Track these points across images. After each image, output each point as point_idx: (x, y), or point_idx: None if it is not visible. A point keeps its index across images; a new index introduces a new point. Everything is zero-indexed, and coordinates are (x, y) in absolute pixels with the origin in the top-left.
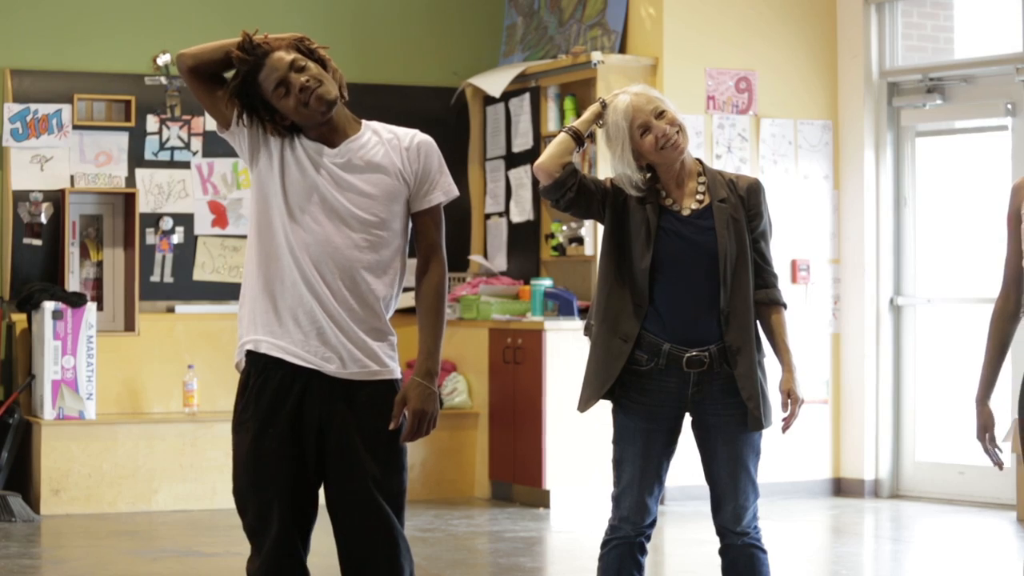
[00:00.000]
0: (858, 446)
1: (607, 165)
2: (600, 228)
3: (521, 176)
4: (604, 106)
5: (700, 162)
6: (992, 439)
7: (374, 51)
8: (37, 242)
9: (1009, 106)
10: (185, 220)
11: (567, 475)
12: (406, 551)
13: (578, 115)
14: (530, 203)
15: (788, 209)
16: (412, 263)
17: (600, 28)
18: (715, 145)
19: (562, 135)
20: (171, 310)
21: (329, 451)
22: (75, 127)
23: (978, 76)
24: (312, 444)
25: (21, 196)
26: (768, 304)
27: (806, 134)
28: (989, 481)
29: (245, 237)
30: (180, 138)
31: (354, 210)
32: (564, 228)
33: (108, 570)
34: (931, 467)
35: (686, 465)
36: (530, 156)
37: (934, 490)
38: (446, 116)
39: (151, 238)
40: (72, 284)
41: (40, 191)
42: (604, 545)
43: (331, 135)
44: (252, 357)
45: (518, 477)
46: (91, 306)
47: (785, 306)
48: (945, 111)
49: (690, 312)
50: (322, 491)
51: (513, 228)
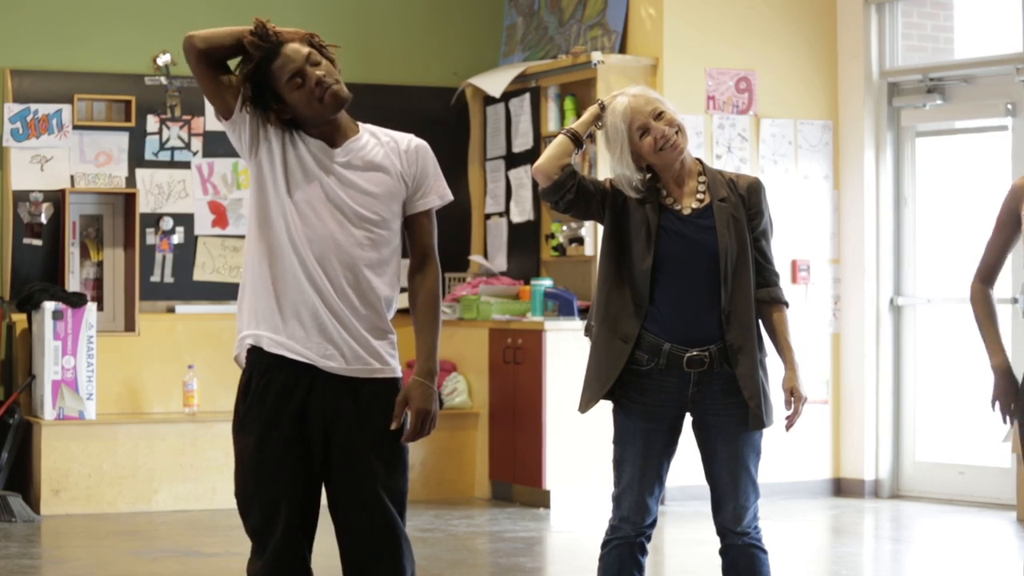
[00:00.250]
0: (858, 446)
1: (607, 166)
2: (600, 228)
3: (521, 176)
4: (603, 108)
5: (700, 161)
6: (1006, 406)
7: (374, 51)
8: (37, 242)
9: (1009, 106)
10: (185, 220)
11: (567, 475)
12: (408, 551)
13: (578, 115)
14: (530, 203)
15: (788, 209)
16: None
17: (600, 28)
18: (715, 145)
19: (560, 137)
20: (171, 310)
21: (335, 450)
22: (75, 127)
23: (978, 76)
24: (319, 444)
25: (21, 196)
26: (770, 303)
27: (806, 134)
28: (989, 481)
29: (245, 237)
30: (180, 138)
31: (357, 208)
32: (564, 228)
33: (108, 570)
34: (931, 467)
35: (686, 465)
36: (530, 156)
37: (934, 490)
38: (446, 116)
39: (151, 238)
40: (72, 284)
41: (40, 191)
42: (604, 545)
43: (333, 134)
44: (254, 355)
45: (518, 477)
46: (91, 306)
47: (787, 304)
48: (945, 111)
49: (691, 311)
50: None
51: (513, 228)
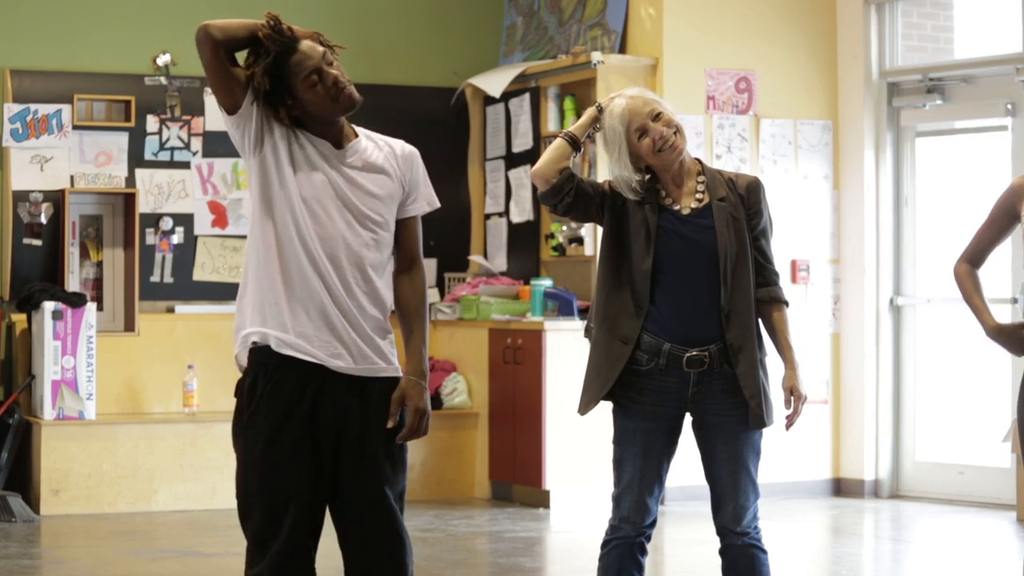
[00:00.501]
0: (858, 446)
1: (607, 167)
2: (599, 228)
3: (521, 176)
4: (600, 110)
5: (699, 161)
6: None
7: (374, 51)
8: (37, 242)
9: (1009, 106)
10: (185, 220)
11: (567, 475)
12: (410, 551)
13: (578, 116)
14: (530, 203)
15: (788, 209)
16: None
17: (600, 28)
18: (715, 145)
19: (558, 140)
20: (171, 310)
21: (345, 450)
22: (75, 127)
23: (978, 76)
24: (329, 444)
25: (21, 196)
26: (770, 302)
27: (806, 134)
28: (989, 481)
29: (245, 237)
30: (180, 138)
31: (363, 208)
32: (564, 228)
33: (108, 570)
34: (931, 467)
35: (686, 465)
36: (530, 156)
37: (934, 490)
38: (446, 116)
39: (151, 238)
40: (72, 284)
41: (40, 191)
42: (604, 545)
43: (336, 136)
44: (260, 355)
45: (518, 477)
46: (91, 306)
47: (787, 304)
48: (945, 111)
49: (690, 311)
50: None
51: (513, 228)
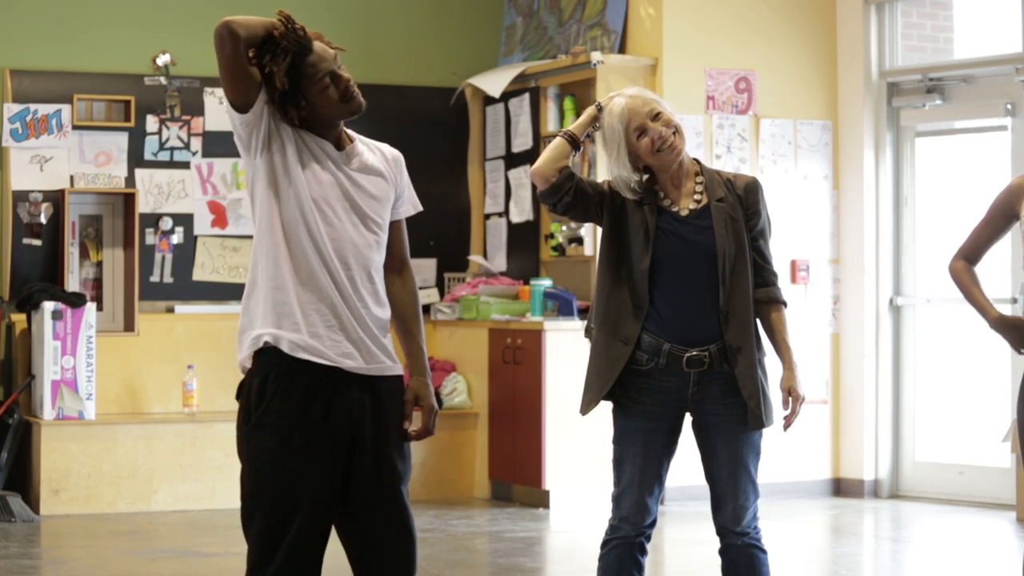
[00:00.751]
0: (858, 446)
1: (607, 167)
2: (599, 228)
3: (521, 176)
4: (600, 109)
5: (697, 162)
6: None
7: (374, 51)
8: (37, 242)
9: (1009, 106)
10: (185, 220)
11: (567, 475)
12: (417, 549)
13: (578, 116)
14: (530, 203)
15: (788, 209)
16: None
17: (600, 28)
18: (715, 145)
19: (558, 139)
20: (171, 310)
21: (360, 449)
22: (75, 127)
23: (978, 76)
24: (343, 446)
25: (21, 196)
26: (768, 302)
27: (806, 134)
28: (989, 481)
29: (245, 237)
30: (180, 138)
31: (367, 211)
32: (564, 228)
33: (108, 570)
34: (931, 467)
35: (686, 465)
36: (530, 156)
37: (934, 490)
38: (446, 116)
39: (151, 238)
40: (72, 284)
41: (40, 191)
42: (604, 545)
43: (338, 138)
44: (269, 356)
45: (518, 477)
46: (91, 306)
47: (785, 304)
48: (945, 111)
49: (690, 312)
50: None
51: (513, 228)
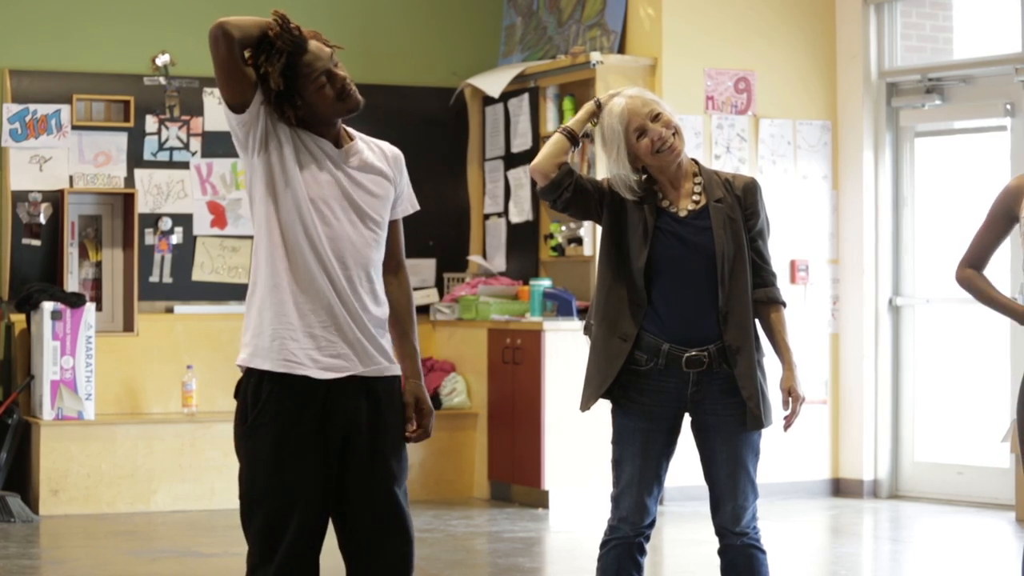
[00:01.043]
0: (857, 446)
1: (606, 166)
2: (599, 228)
3: (520, 176)
4: (599, 105)
5: (696, 162)
6: None
7: (373, 51)
8: (36, 242)
9: (1008, 106)
10: (184, 220)
11: (566, 475)
12: (414, 550)
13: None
14: (529, 203)
15: (787, 209)
16: None
17: (599, 28)
18: (714, 145)
19: (556, 135)
20: (170, 310)
21: (354, 451)
22: (74, 127)
23: (977, 76)
24: (337, 447)
25: (20, 196)
26: (767, 303)
27: (805, 134)
28: (988, 481)
29: (244, 237)
30: (179, 138)
31: (366, 209)
32: (563, 228)
33: (107, 570)
34: (930, 467)
35: (685, 465)
36: (529, 156)
37: (933, 490)
38: (445, 116)
39: (150, 238)
40: (71, 284)
41: (39, 191)
42: (603, 545)
43: (337, 136)
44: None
45: (517, 477)
46: (90, 306)
47: (784, 304)
48: (944, 111)
49: (689, 312)
50: None
51: (512, 228)
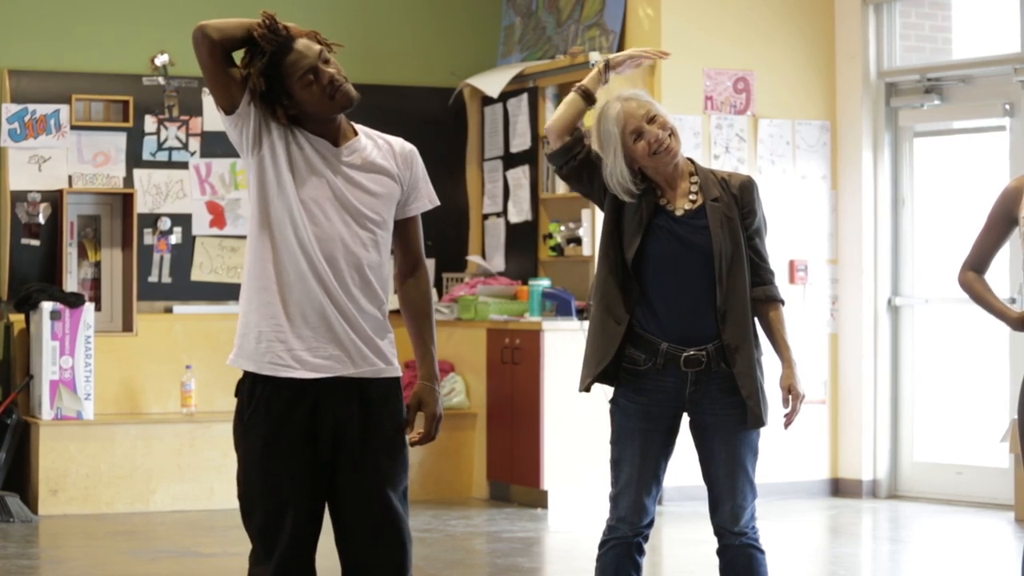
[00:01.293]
0: (856, 446)
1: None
2: (598, 227)
3: (519, 176)
4: (607, 66)
5: (692, 162)
6: None
7: (372, 51)
8: (35, 242)
9: (1007, 106)
10: (183, 220)
11: (565, 475)
12: (410, 552)
13: None
14: (528, 203)
15: (786, 209)
16: None
17: (598, 28)
18: (713, 145)
19: (572, 95)
20: (169, 310)
21: (344, 452)
22: (73, 127)
23: (976, 76)
24: (327, 446)
25: (19, 196)
26: (766, 301)
27: (804, 134)
28: (987, 481)
29: (243, 237)
30: (178, 138)
31: (362, 208)
32: (562, 228)
33: (106, 570)
34: (929, 467)
35: (684, 465)
36: (528, 157)
37: (932, 490)
38: (444, 116)
39: (149, 238)
40: (70, 284)
41: (38, 191)
42: (602, 545)
43: (335, 134)
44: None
45: (516, 477)
46: (89, 306)
47: (783, 302)
48: (943, 111)
49: (687, 311)
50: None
51: (511, 228)
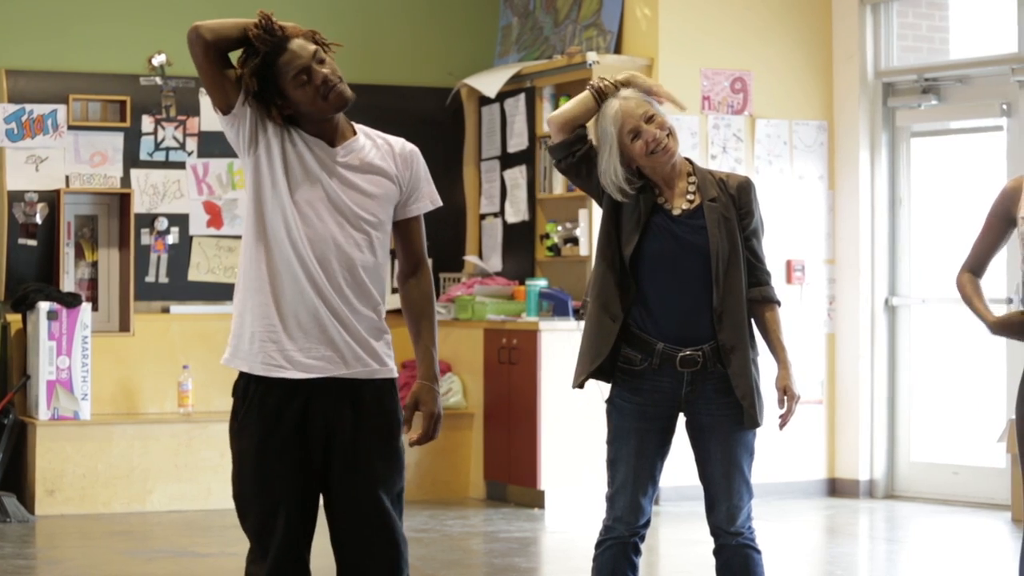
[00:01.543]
0: (853, 446)
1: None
2: (595, 229)
3: (516, 176)
4: (628, 83)
5: (690, 161)
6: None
7: (370, 51)
8: (32, 242)
9: (1004, 106)
10: (180, 220)
11: (562, 475)
12: (406, 553)
13: None
14: (525, 204)
15: (783, 209)
16: None
17: (595, 28)
18: (710, 145)
19: (586, 93)
20: (166, 310)
21: (335, 452)
22: (70, 127)
23: (973, 76)
24: (319, 448)
25: (16, 196)
26: (762, 302)
27: (801, 134)
28: (984, 481)
29: (240, 238)
30: (175, 138)
31: (356, 209)
32: (559, 229)
33: (103, 570)
34: (926, 467)
35: (680, 465)
36: (525, 157)
37: (929, 490)
38: (441, 116)
39: (146, 238)
40: (67, 284)
41: (35, 191)
42: (598, 545)
43: (331, 134)
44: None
45: (513, 477)
46: (86, 306)
47: (779, 303)
48: (940, 111)
49: (683, 311)
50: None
51: (508, 228)
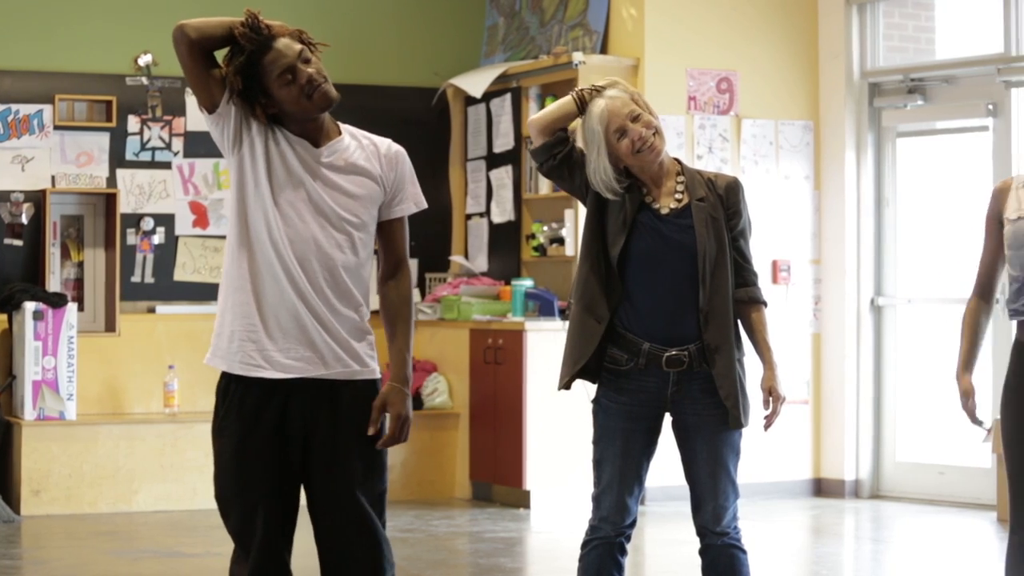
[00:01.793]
0: (838, 446)
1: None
2: (581, 229)
3: (502, 176)
4: (594, 92)
5: (678, 161)
6: (974, 406)
7: (355, 51)
8: (18, 242)
9: (990, 107)
10: (166, 220)
11: (547, 475)
12: (388, 553)
13: None
14: (511, 204)
15: (769, 210)
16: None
17: (581, 28)
18: (696, 145)
19: (568, 98)
20: (152, 311)
21: (314, 453)
22: (56, 127)
23: (959, 77)
24: (298, 448)
25: (2, 196)
26: (748, 302)
27: (787, 134)
28: (969, 481)
29: (225, 238)
30: (161, 138)
31: (338, 210)
32: (545, 229)
33: (89, 570)
34: (911, 467)
35: (666, 465)
36: (511, 157)
37: (914, 490)
38: (427, 116)
39: (132, 238)
40: (53, 284)
41: (21, 191)
42: (584, 546)
43: (316, 134)
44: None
45: (498, 477)
46: (72, 307)
47: (765, 304)
48: (926, 112)
49: (669, 311)
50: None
51: (494, 228)
